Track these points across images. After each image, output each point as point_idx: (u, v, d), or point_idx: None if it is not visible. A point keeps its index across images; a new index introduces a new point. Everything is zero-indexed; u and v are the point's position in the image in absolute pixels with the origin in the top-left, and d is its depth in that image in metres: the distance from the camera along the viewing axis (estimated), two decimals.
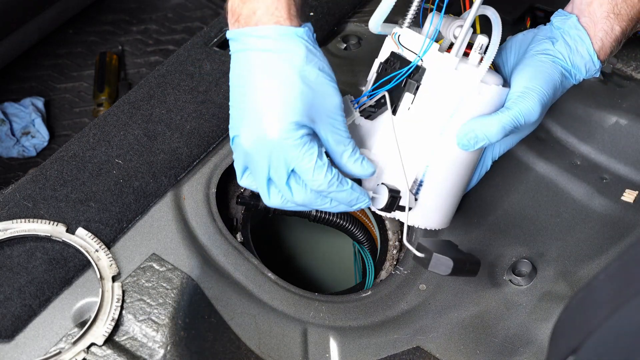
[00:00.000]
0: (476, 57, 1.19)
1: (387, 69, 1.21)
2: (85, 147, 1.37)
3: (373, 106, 1.21)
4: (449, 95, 1.19)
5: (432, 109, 1.19)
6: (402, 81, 1.19)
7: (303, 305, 1.33)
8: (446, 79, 1.18)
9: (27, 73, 2.16)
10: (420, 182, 1.23)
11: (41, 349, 1.18)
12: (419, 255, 1.17)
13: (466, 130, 1.19)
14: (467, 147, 1.20)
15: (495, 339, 1.31)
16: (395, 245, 1.52)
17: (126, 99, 1.44)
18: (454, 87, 1.18)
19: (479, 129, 1.19)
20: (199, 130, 1.41)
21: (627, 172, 1.44)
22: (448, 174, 1.24)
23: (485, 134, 1.19)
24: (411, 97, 1.19)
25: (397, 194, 1.20)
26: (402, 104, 1.19)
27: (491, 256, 1.37)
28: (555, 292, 1.33)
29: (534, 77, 1.22)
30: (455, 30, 1.19)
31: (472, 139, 1.19)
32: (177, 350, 1.20)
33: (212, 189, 1.38)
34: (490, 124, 1.19)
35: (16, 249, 1.24)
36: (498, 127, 1.18)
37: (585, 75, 1.26)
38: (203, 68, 1.49)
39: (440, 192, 1.25)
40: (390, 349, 1.31)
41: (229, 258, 1.33)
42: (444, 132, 1.20)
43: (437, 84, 1.18)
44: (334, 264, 1.83)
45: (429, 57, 1.18)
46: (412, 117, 1.20)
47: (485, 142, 1.19)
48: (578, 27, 1.24)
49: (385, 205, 1.19)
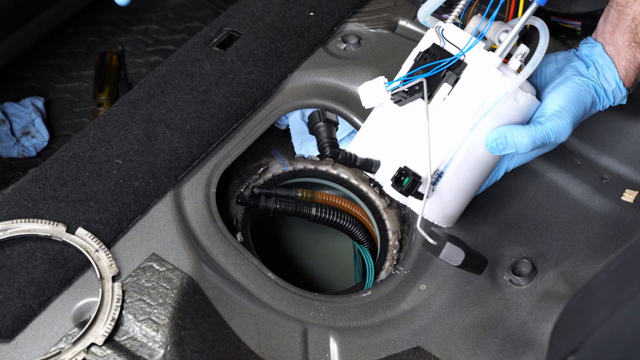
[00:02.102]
0: (516, 63, 1.21)
1: (426, 58, 1.22)
2: (85, 147, 1.37)
3: (406, 92, 1.21)
4: (486, 94, 1.19)
5: (466, 104, 1.20)
6: (440, 72, 1.20)
7: (303, 305, 1.33)
8: (487, 77, 1.19)
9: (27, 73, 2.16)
10: (440, 174, 1.23)
11: (41, 349, 1.18)
12: (432, 243, 1.17)
13: (498, 134, 1.21)
14: (493, 151, 1.22)
15: (496, 339, 1.31)
16: (395, 245, 1.52)
17: (126, 99, 1.44)
18: (493, 86, 1.19)
19: (510, 136, 1.20)
20: (199, 130, 1.41)
21: (627, 172, 1.44)
22: (468, 171, 1.24)
23: (515, 142, 1.21)
24: (448, 89, 1.20)
25: (418, 179, 1.20)
26: (438, 94, 1.20)
27: (491, 256, 1.37)
28: (555, 292, 1.33)
29: (569, 99, 1.24)
30: (501, 35, 1.22)
31: (501, 144, 1.21)
32: (177, 350, 1.20)
33: (212, 189, 1.38)
34: (522, 134, 1.21)
35: (16, 249, 1.24)
36: (529, 139, 1.21)
37: (612, 102, 1.28)
38: (203, 68, 1.49)
39: (457, 187, 1.25)
40: (390, 349, 1.31)
41: (229, 258, 1.33)
42: (474, 129, 1.21)
43: (477, 80, 1.19)
44: (334, 264, 1.83)
45: (473, 53, 1.20)
46: (446, 108, 1.20)
47: (513, 150, 1.21)
48: (604, 55, 1.27)
49: (406, 187, 1.19)
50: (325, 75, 1.51)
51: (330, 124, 1.23)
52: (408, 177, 1.19)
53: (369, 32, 1.58)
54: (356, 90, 1.49)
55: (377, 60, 1.52)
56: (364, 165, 1.23)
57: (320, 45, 1.56)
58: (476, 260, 1.22)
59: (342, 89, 1.50)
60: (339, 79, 1.51)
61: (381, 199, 1.57)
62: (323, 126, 1.22)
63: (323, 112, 1.24)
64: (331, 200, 1.63)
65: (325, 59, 1.54)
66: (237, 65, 1.49)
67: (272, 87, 1.49)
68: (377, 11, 1.62)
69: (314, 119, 1.24)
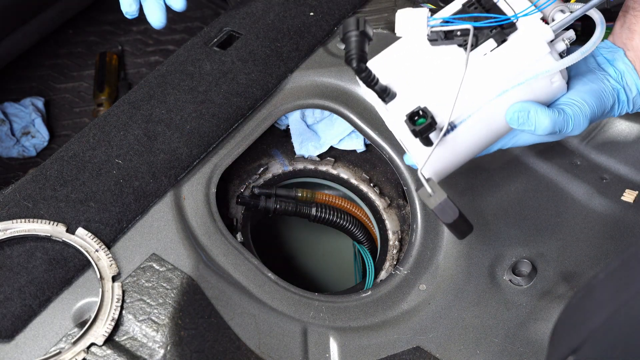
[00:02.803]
0: (562, 45, 1.19)
1: (477, 7, 1.18)
2: (85, 147, 1.37)
3: (447, 33, 1.18)
4: (527, 64, 1.16)
5: (504, 67, 1.17)
6: (489, 27, 1.16)
7: (303, 305, 1.33)
8: (535, 48, 1.16)
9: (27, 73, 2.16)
10: (454, 127, 1.19)
11: (41, 349, 1.18)
12: (429, 193, 1.13)
13: (521, 108, 1.18)
14: (512, 123, 1.19)
15: (495, 339, 1.31)
16: (395, 245, 1.52)
17: (126, 99, 1.44)
18: (537, 59, 1.16)
19: (533, 113, 1.18)
20: (199, 130, 1.41)
21: (627, 172, 1.44)
22: (479, 133, 1.21)
23: (536, 122, 1.18)
24: (492, 46, 1.17)
25: (435, 124, 1.14)
26: (481, 48, 1.17)
27: (491, 256, 1.37)
28: (555, 292, 1.33)
29: (594, 96, 1.22)
30: (556, 15, 1.19)
31: (522, 118, 1.18)
32: (177, 350, 1.20)
33: (212, 189, 1.38)
34: (545, 115, 1.18)
35: (16, 249, 1.24)
36: (550, 122, 1.18)
37: (631, 109, 1.26)
38: (203, 68, 1.49)
39: (461, 146, 1.21)
40: (390, 349, 1.31)
41: (229, 258, 1.33)
42: (503, 96, 1.18)
43: (524, 48, 1.16)
44: (334, 264, 1.83)
45: (528, 20, 1.16)
46: (483, 65, 1.17)
47: (531, 128, 1.18)
48: (625, 61, 1.25)
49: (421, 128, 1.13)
50: (325, 75, 1.51)
51: (364, 37, 1.12)
52: (425, 119, 1.14)
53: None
54: (356, 90, 1.49)
55: None
56: (381, 91, 1.17)
57: (320, 45, 1.56)
58: (464, 225, 1.18)
59: (342, 89, 1.50)
60: (339, 79, 1.51)
61: (381, 199, 1.57)
62: (357, 36, 1.12)
63: (363, 21, 1.13)
64: (331, 200, 1.63)
65: (325, 59, 1.54)
66: (237, 65, 1.49)
67: (272, 87, 1.49)
68: (377, 11, 1.62)
69: (349, 25, 1.13)
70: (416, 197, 1.43)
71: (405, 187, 1.46)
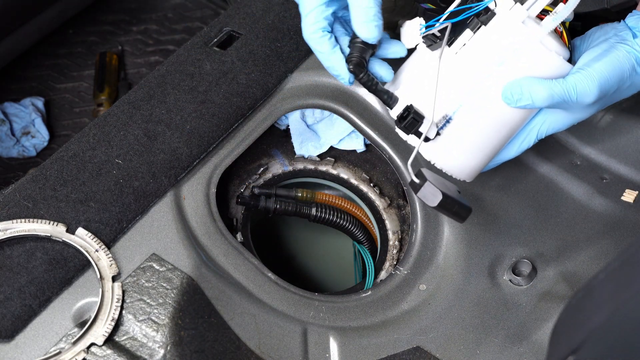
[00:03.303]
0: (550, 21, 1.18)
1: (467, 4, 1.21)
2: (85, 147, 1.37)
3: (435, 36, 1.21)
4: (504, 44, 1.18)
5: (485, 51, 1.19)
6: (467, 18, 1.19)
7: (303, 305, 1.33)
8: (508, 28, 1.17)
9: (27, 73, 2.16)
10: (448, 119, 1.21)
11: (41, 349, 1.18)
12: (415, 181, 1.16)
13: (514, 85, 1.18)
14: (508, 101, 1.18)
15: (495, 339, 1.31)
16: (395, 245, 1.52)
17: (126, 99, 1.44)
18: (512, 37, 1.17)
19: (526, 87, 1.17)
20: (199, 130, 1.41)
21: (627, 172, 1.44)
22: (479, 121, 1.22)
23: (532, 94, 1.16)
24: (470, 35, 1.19)
25: (420, 119, 1.18)
26: (460, 39, 1.20)
27: (491, 256, 1.37)
28: (555, 292, 1.33)
29: (599, 59, 1.19)
30: None
31: (516, 93, 1.17)
32: (177, 350, 1.20)
33: (212, 189, 1.38)
34: (539, 86, 1.16)
35: (16, 249, 1.24)
36: (546, 92, 1.16)
37: None
38: (203, 68, 1.49)
39: (467, 137, 1.22)
40: (390, 349, 1.31)
41: (229, 258, 1.33)
42: (488, 78, 1.19)
43: (498, 29, 1.18)
44: (334, 264, 1.83)
45: (504, 3, 1.18)
46: (464, 53, 1.20)
47: (529, 102, 1.17)
48: None
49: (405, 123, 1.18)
50: (325, 75, 1.51)
51: (368, 46, 1.21)
52: (410, 114, 1.18)
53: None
54: (356, 90, 1.49)
55: None
56: (383, 94, 1.21)
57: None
58: (456, 206, 1.19)
59: (342, 89, 1.50)
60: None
61: (381, 199, 1.57)
62: (360, 43, 1.20)
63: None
64: (331, 200, 1.63)
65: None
66: (237, 65, 1.49)
67: (272, 87, 1.49)
68: None
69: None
70: (416, 197, 1.43)
71: (405, 187, 1.46)
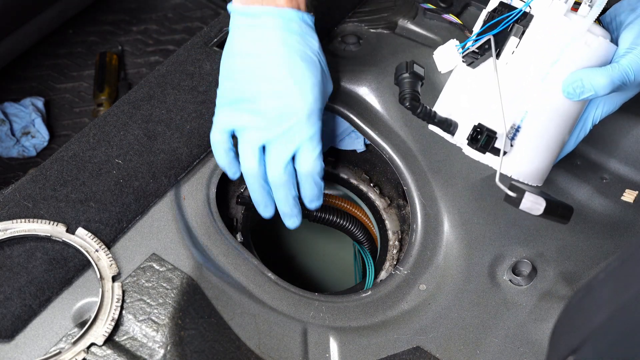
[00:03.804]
0: (585, 9, 1.20)
1: (494, 16, 1.22)
2: (85, 147, 1.37)
3: (476, 52, 1.21)
4: (554, 42, 1.19)
5: (536, 54, 1.19)
6: (507, 27, 1.20)
7: (303, 305, 1.33)
8: (553, 25, 1.18)
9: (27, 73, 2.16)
10: (517, 128, 1.22)
11: (41, 349, 1.18)
12: (512, 195, 1.15)
13: (573, 78, 1.19)
14: (571, 96, 1.19)
15: (495, 339, 1.31)
16: (395, 245, 1.52)
17: (126, 99, 1.44)
18: (560, 33, 1.18)
19: (586, 79, 1.18)
20: (199, 130, 1.41)
21: (627, 172, 1.44)
22: (546, 123, 1.23)
23: (593, 84, 1.18)
24: (516, 41, 1.20)
25: (494, 134, 1.18)
26: (507, 47, 1.20)
27: (491, 256, 1.37)
28: (555, 292, 1.33)
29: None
30: None
31: (578, 87, 1.18)
32: (177, 350, 1.20)
33: (212, 189, 1.38)
34: (599, 75, 1.18)
35: (16, 249, 1.24)
36: (607, 79, 1.18)
37: None
38: (203, 68, 1.49)
39: (537, 141, 1.23)
40: (390, 349, 1.31)
41: (229, 258, 1.33)
42: (546, 79, 1.20)
43: (544, 29, 1.19)
44: (334, 264, 1.83)
45: (538, 3, 1.19)
46: (516, 61, 1.20)
47: (592, 93, 1.18)
48: None
49: (480, 143, 1.18)
50: None
51: (416, 77, 1.21)
52: (483, 133, 1.18)
53: (369, 32, 1.58)
54: (356, 90, 1.49)
55: (377, 60, 1.52)
56: (443, 124, 1.22)
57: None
58: (559, 208, 1.19)
59: (342, 89, 1.50)
60: (339, 79, 1.51)
61: (381, 199, 1.57)
62: (409, 78, 1.21)
63: (411, 63, 1.22)
64: (331, 200, 1.63)
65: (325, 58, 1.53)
66: None
67: None
68: (377, 11, 1.62)
69: (401, 69, 1.22)
70: (416, 197, 1.43)
71: (405, 187, 1.46)
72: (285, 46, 1.28)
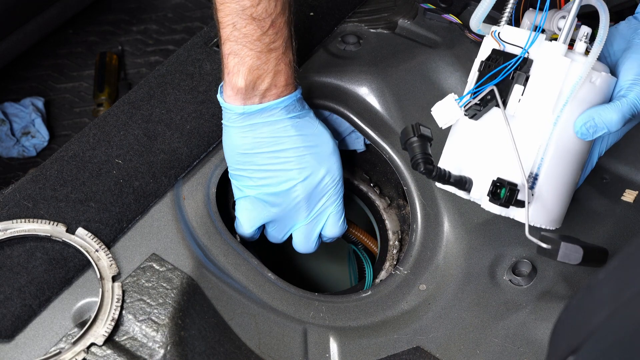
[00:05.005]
0: (582, 46, 1.19)
1: (490, 65, 1.20)
2: (85, 147, 1.37)
3: (478, 104, 1.20)
4: (560, 83, 1.17)
5: (543, 99, 1.18)
6: (508, 75, 1.18)
7: (303, 305, 1.33)
8: (556, 66, 1.17)
9: (27, 73, 2.16)
10: (535, 176, 1.20)
11: (41, 349, 1.18)
12: (546, 247, 1.14)
13: (586, 118, 1.18)
14: (585, 136, 1.19)
15: (495, 339, 1.31)
16: (395, 245, 1.52)
17: (126, 99, 1.44)
18: (565, 74, 1.17)
19: (598, 117, 1.18)
20: (199, 130, 1.41)
21: (627, 172, 1.44)
22: (563, 166, 1.22)
23: (605, 122, 1.18)
24: (521, 89, 1.18)
25: (515, 187, 1.17)
26: (512, 96, 1.18)
27: (491, 256, 1.37)
28: (555, 292, 1.33)
29: None
30: (559, 22, 1.19)
31: (591, 127, 1.18)
32: (177, 350, 1.20)
33: (212, 189, 1.38)
34: (610, 112, 1.18)
35: (16, 249, 1.24)
36: (618, 115, 1.18)
37: None
38: (203, 68, 1.49)
39: (557, 186, 1.22)
40: (390, 349, 1.31)
41: (229, 258, 1.33)
42: (557, 122, 1.19)
43: (547, 72, 1.17)
44: (333, 264, 1.83)
45: (536, 47, 1.18)
46: (524, 109, 1.18)
47: (605, 131, 1.18)
48: None
49: (504, 198, 1.16)
50: (325, 75, 1.51)
51: (424, 139, 1.19)
52: (504, 188, 1.17)
53: (369, 32, 1.58)
54: (356, 90, 1.49)
55: (377, 60, 1.52)
56: (459, 183, 1.21)
57: (320, 46, 1.56)
58: (596, 253, 1.17)
59: (342, 89, 1.50)
60: (339, 79, 1.51)
61: (381, 199, 1.57)
62: (417, 141, 1.19)
63: (417, 126, 1.20)
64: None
65: (325, 59, 1.54)
66: None
67: None
68: (377, 11, 1.62)
69: (408, 133, 1.20)
70: (416, 197, 1.43)
71: (405, 187, 1.46)
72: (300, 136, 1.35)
